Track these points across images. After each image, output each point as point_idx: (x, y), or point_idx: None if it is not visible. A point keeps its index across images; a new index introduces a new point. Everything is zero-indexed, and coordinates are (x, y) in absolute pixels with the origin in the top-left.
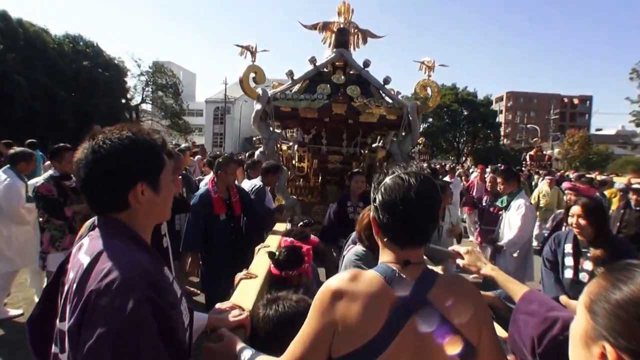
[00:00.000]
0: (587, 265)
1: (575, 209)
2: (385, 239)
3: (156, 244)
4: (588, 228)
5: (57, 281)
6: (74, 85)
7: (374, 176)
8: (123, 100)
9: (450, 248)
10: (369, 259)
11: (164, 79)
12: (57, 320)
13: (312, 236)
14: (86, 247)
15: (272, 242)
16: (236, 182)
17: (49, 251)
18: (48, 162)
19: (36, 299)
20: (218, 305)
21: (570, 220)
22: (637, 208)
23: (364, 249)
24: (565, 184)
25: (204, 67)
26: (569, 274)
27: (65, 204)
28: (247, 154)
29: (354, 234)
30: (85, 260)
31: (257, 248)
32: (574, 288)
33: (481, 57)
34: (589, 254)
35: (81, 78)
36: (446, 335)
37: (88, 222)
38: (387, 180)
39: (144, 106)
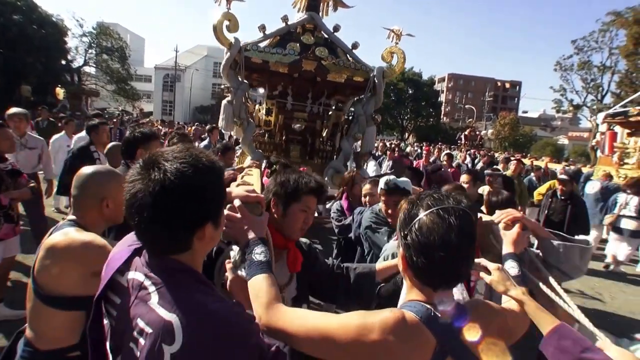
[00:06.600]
0: None
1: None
2: (416, 280)
3: None
4: None
5: (98, 322)
6: (2, 40)
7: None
8: (63, 62)
9: (477, 260)
10: None
11: (109, 42)
12: None
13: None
14: (157, 298)
15: (252, 180)
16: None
17: None
18: None
19: None
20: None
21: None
22: (563, 197)
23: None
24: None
25: (154, 32)
26: None
27: None
28: (196, 124)
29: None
30: (166, 315)
31: (235, 184)
32: None
33: (428, 41)
34: None
35: (11, 33)
36: None
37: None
38: (423, 216)
39: (87, 69)
